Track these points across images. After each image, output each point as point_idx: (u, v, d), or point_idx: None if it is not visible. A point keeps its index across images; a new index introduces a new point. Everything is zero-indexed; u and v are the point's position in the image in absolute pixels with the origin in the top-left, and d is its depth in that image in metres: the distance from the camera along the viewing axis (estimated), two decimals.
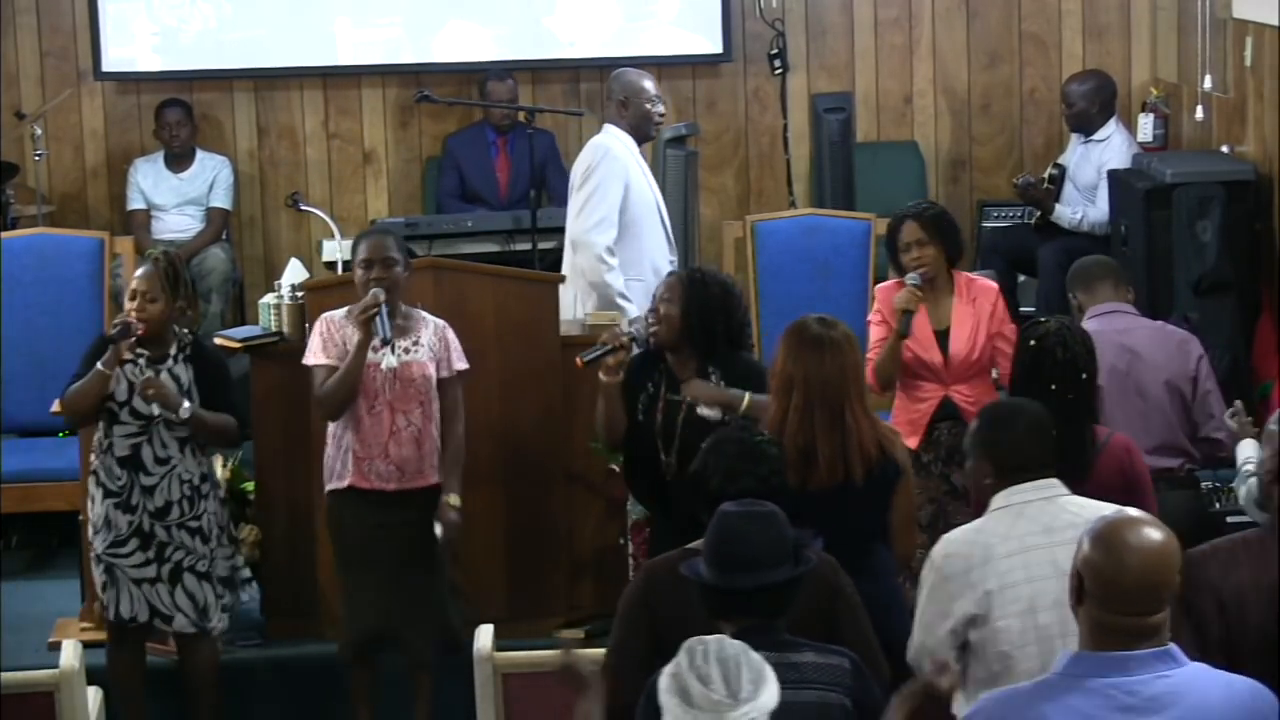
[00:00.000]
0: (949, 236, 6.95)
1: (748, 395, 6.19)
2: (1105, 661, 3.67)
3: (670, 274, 6.57)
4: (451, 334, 6.70)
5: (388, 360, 6.55)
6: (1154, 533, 3.73)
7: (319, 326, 6.68)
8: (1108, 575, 3.69)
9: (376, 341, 6.47)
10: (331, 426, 6.64)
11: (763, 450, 5.08)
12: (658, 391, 6.34)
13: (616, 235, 7.68)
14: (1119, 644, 3.68)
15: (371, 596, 6.60)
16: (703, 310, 6.28)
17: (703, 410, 6.22)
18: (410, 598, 6.60)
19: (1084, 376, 5.74)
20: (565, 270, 7.73)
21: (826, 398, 5.61)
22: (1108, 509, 4.94)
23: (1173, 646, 3.71)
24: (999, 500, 5.01)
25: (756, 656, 3.90)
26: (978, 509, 5.14)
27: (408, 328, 6.62)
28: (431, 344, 6.62)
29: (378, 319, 6.43)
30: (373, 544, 6.59)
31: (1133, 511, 3.84)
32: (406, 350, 6.58)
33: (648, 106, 7.86)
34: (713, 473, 5.04)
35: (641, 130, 7.88)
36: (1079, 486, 5.26)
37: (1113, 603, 3.68)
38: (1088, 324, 6.57)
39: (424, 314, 6.70)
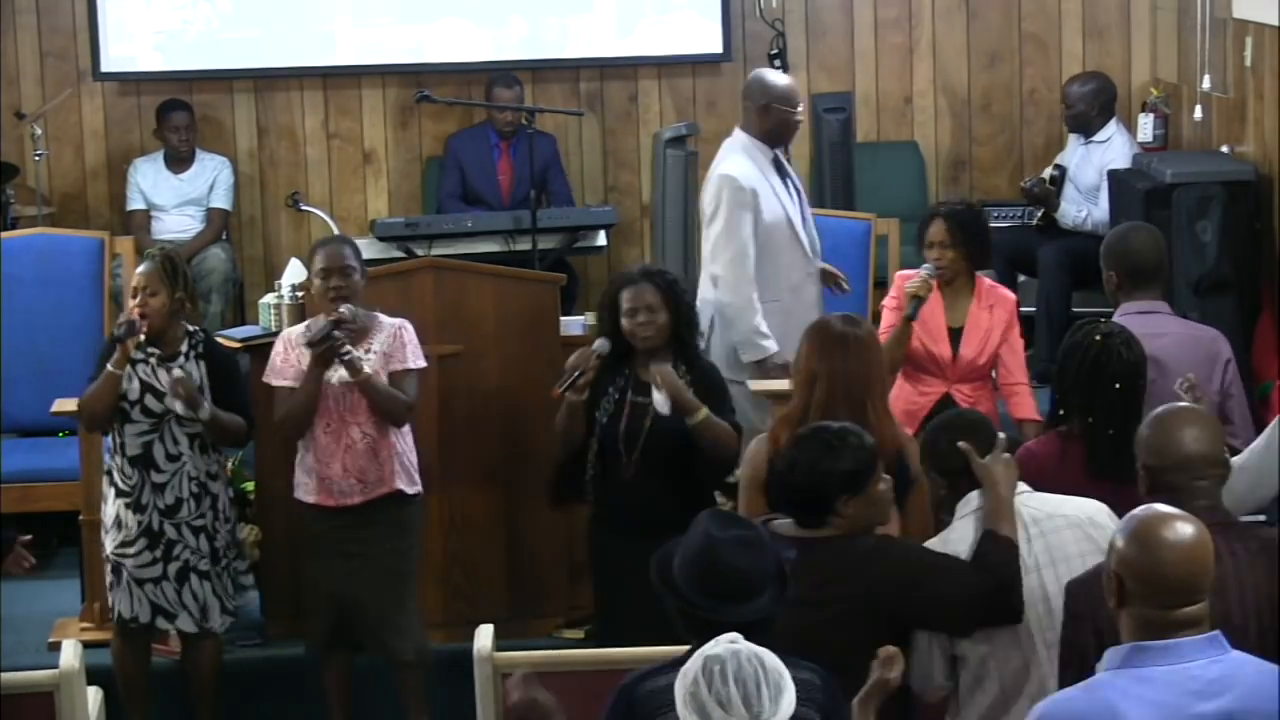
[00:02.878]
0: (974, 240, 6.98)
1: (706, 411, 6.28)
2: (1162, 650, 3.70)
3: (634, 278, 6.46)
4: (409, 333, 6.65)
5: (338, 374, 6.55)
6: (1186, 525, 3.77)
7: (278, 345, 6.72)
8: (1148, 572, 3.73)
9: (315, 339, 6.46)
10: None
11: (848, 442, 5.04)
12: (623, 397, 6.42)
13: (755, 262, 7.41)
14: (1170, 634, 3.72)
15: (340, 599, 6.62)
16: (687, 311, 6.45)
17: (657, 396, 6.30)
18: (373, 596, 6.60)
19: (1140, 381, 5.72)
20: (702, 300, 7.43)
21: (850, 394, 5.62)
22: (1069, 503, 5.02)
23: (1219, 633, 3.75)
24: (960, 509, 5.05)
25: (772, 663, 3.88)
26: (938, 524, 5.18)
27: (364, 334, 6.60)
28: (383, 347, 6.60)
29: (335, 332, 6.45)
30: (338, 548, 6.61)
31: (1160, 507, 3.87)
32: (360, 358, 6.55)
33: (787, 113, 7.53)
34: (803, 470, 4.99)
35: (778, 137, 7.55)
36: (1129, 488, 5.26)
37: (1156, 598, 3.72)
38: (1120, 320, 6.54)
39: (382, 317, 6.67)
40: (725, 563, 4.32)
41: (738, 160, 7.47)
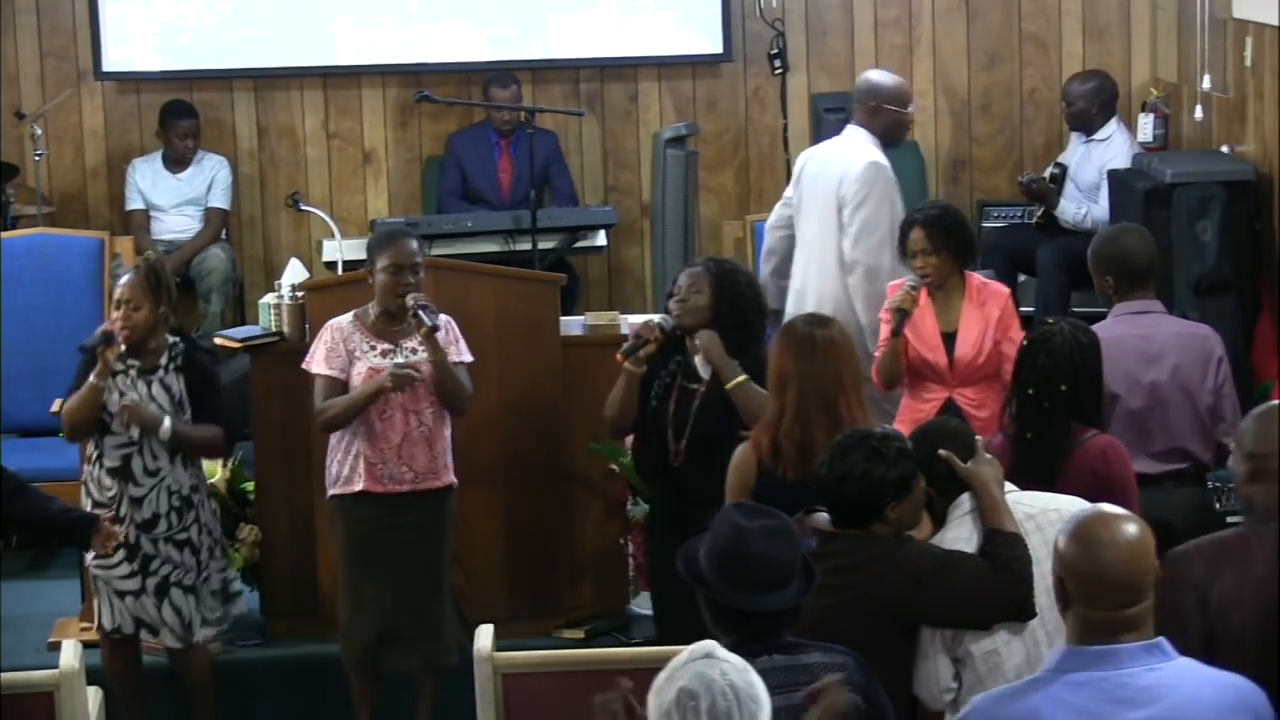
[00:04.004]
0: (957, 242, 6.97)
1: (743, 378, 6.32)
2: (1095, 656, 3.71)
3: (694, 263, 6.61)
4: (455, 328, 6.71)
5: (395, 363, 6.55)
6: (1128, 526, 3.78)
7: (324, 334, 6.68)
8: (1087, 573, 3.74)
9: (427, 326, 6.49)
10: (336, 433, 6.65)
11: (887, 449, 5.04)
12: (673, 380, 6.46)
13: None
14: (1106, 638, 3.72)
15: (378, 599, 6.61)
16: (735, 300, 6.42)
17: (697, 360, 6.37)
18: (415, 600, 6.60)
19: (1063, 389, 5.78)
20: (821, 291, 7.47)
21: (821, 394, 5.71)
22: (1056, 499, 5.05)
23: (1161, 640, 3.75)
24: (953, 512, 5.09)
25: (747, 690, 3.79)
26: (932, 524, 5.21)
27: (415, 326, 6.60)
28: (441, 338, 6.61)
29: (423, 314, 6.47)
30: (380, 545, 6.60)
31: (1105, 507, 3.88)
32: (414, 350, 6.58)
33: (899, 114, 7.62)
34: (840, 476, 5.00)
35: (892, 137, 7.64)
36: (1047, 489, 5.31)
37: (1095, 600, 3.73)
38: (1112, 322, 6.55)
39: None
40: (755, 552, 4.34)
41: (874, 150, 7.53)
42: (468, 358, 6.69)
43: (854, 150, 7.54)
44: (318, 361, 6.63)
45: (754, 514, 4.48)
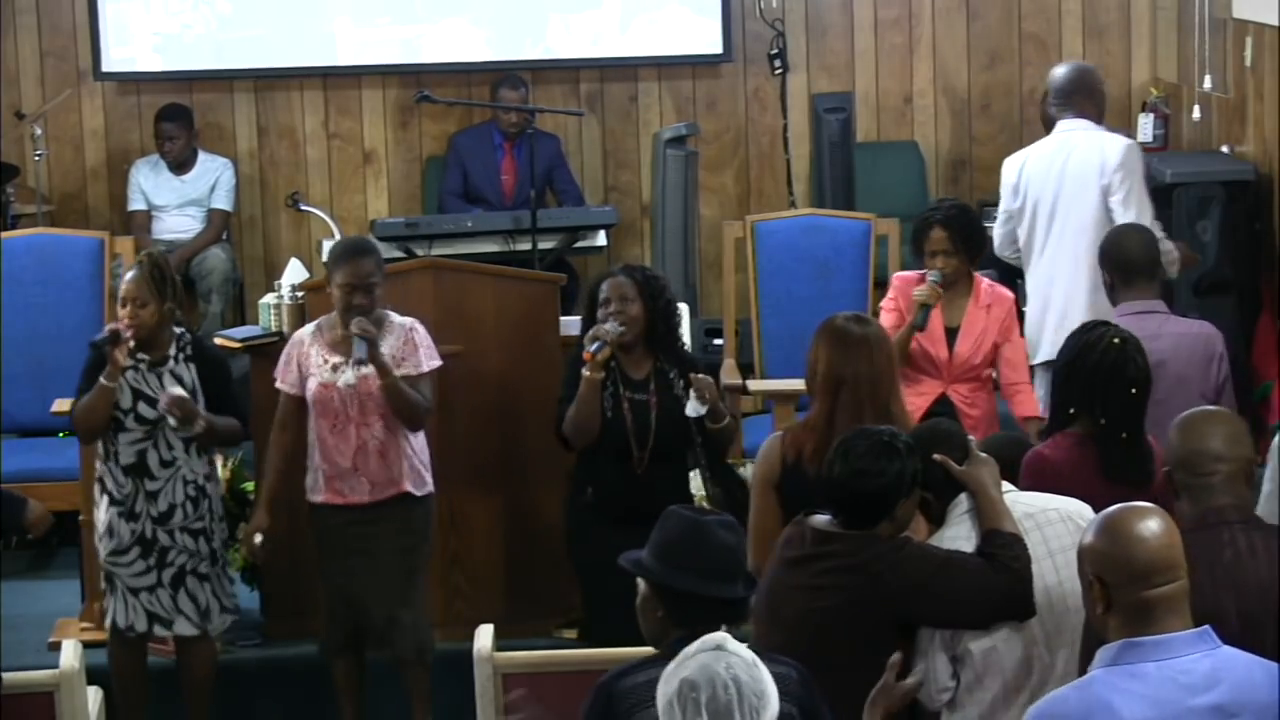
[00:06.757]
0: (973, 242, 7.01)
1: (729, 417, 6.58)
2: (1153, 646, 3.72)
3: (614, 274, 6.63)
4: (421, 333, 6.65)
5: (345, 378, 6.55)
6: (1152, 514, 3.80)
7: (287, 346, 6.72)
8: (1123, 559, 3.74)
9: (356, 357, 6.51)
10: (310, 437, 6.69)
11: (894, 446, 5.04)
12: (617, 390, 6.54)
13: None
14: (1153, 621, 3.72)
15: (349, 596, 6.65)
16: (665, 307, 6.58)
17: (692, 404, 6.41)
18: (390, 599, 6.62)
19: (1150, 388, 5.71)
20: (1093, 301, 7.35)
21: (875, 396, 5.70)
22: (1054, 499, 5.10)
23: (1208, 628, 3.76)
24: (952, 512, 5.10)
25: (750, 685, 3.79)
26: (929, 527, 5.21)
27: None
28: (394, 350, 6.58)
29: (355, 345, 6.48)
30: (345, 550, 6.64)
31: (1125, 505, 3.90)
32: (365, 363, 6.54)
33: (1105, 87, 7.84)
34: (845, 473, 4.99)
35: (1103, 114, 7.78)
36: (1142, 492, 5.25)
37: (1134, 582, 3.72)
38: (1118, 322, 6.56)
39: (393, 317, 6.66)
40: (716, 541, 4.37)
41: (1113, 133, 7.67)
42: (428, 366, 6.63)
43: (1097, 140, 7.54)
44: (278, 374, 6.68)
45: (702, 510, 4.53)
